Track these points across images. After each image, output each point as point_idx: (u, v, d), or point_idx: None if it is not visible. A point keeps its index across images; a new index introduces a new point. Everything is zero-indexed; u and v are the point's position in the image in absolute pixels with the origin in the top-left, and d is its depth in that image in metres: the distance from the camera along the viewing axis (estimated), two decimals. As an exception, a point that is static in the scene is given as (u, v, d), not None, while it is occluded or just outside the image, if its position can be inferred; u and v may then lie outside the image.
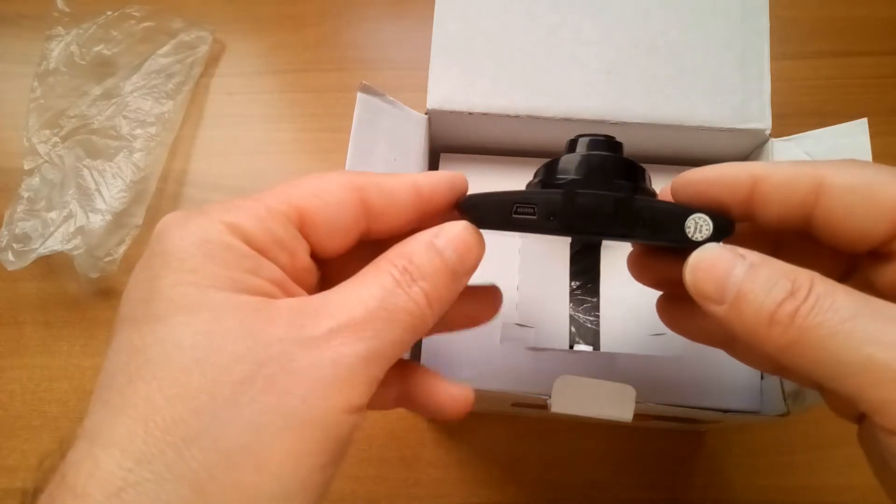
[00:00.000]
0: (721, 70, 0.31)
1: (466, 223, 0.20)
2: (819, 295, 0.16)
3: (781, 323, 0.16)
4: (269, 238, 0.18)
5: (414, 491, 0.38)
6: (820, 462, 0.38)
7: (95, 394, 0.16)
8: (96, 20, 0.48)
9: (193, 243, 0.17)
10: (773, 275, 0.17)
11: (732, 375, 0.30)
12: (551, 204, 0.19)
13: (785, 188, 0.19)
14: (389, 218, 0.20)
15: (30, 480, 0.39)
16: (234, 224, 0.17)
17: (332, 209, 0.19)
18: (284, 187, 0.19)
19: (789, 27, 0.48)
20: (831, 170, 0.18)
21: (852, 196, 0.18)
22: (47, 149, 0.45)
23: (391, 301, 0.18)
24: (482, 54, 0.31)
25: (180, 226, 0.17)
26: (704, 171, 0.20)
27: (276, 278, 0.18)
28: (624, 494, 0.38)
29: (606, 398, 0.25)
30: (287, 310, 0.17)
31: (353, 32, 0.51)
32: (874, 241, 0.18)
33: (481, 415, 0.39)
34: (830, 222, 0.18)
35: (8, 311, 0.43)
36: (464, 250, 0.19)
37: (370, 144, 0.29)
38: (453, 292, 0.19)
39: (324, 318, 0.17)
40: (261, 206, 0.18)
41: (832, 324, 0.15)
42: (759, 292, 0.17)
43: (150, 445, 0.15)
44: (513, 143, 0.34)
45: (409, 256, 0.18)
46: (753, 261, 0.17)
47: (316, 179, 0.19)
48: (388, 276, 0.18)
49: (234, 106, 0.49)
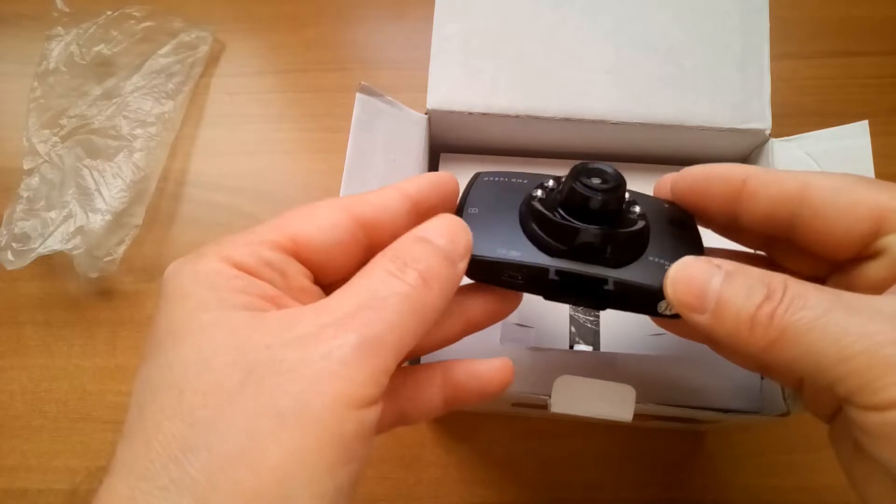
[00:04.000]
0: (721, 70, 0.31)
1: (447, 214, 0.20)
2: (793, 296, 0.17)
3: (761, 324, 0.17)
4: (258, 261, 0.18)
5: (414, 491, 0.38)
6: (820, 462, 0.38)
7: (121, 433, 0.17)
8: (96, 20, 0.48)
9: (187, 276, 0.18)
10: (748, 281, 0.18)
11: (732, 375, 0.30)
12: (535, 278, 0.21)
13: (773, 186, 0.20)
14: (386, 227, 0.20)
15: (29, 480, 0.39)
16: (224, 255, 0.18)
17: (325, 231, 0.19)
18: (275, 220, 0.20)
19: (789, 27, 0.48)
20: (817, 175, 0.20)
21: (834, 196, 0.19)
22: (47, 149, 0.45)
23: (383, 289, 0.18)
24: (482, 54, 0.31)
25: (179, 270, 0.18)
26: (702, 167, 0.22)
27: (267, 294, 0.18)
28: (624, 494, 0.38)
29: (606, 398, 0.25)
30: (276, 318, 0.17)
31: (353, 32, 0.51)
32: (853, 242, 0.19)
33: (481, 415, 0.39)
34: (812, 221, 0.20)
35: (8, 311, 0.43)
36: (450, 235, 0.19)
37: (370, 145, 0.29)
38: (452, 273, 0.19)
39: (314, 318, 0.17)
40: (251, 236, 0.19)
41: (807, 320, 0.16)
42: (737, 298, 0.18)
43: (153, 462, 0.15)
44: (513, 143, 0.34)
45: (396, 248, 0.19)
46: (729, 269, 0.18)
47: (305, 208, 0.20)
48: (380, 269, 0.18)
49: (234, 106, 0.49)
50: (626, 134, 0.32)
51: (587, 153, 0.34)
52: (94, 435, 0.40)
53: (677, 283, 0.19)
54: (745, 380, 0.30)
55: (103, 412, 0.41)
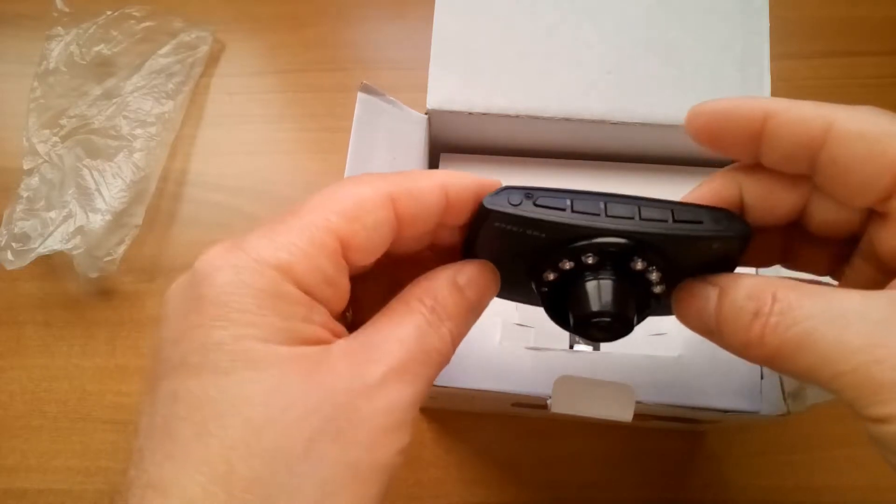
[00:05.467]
0: (721, 70, 0.31)
1: (485, 262, 0.20)
2: (781, 309, 0.17)
3: (754, 344, 0.17)
4: (319, 278, 0.17)
5: (414, 491, 0.38)
6: (820, 462, 0.38)
7: (149, 440, 0.16)
8: (96, 20, 0.48)
9: (247, 293, 0.16)
10: (737, 297, 0.18)
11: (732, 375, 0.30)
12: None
13: (795, 125, 0.18)
14: (417, 226, 0.19)
15: (29, 480, 0.39)
16: (285, 267, 0.17)
17: (372, 232, 0.18)
18: (321, 208, 0.18)
19: (789, 27, 0.48)
20: (845, 114, 0.18)
21: (859, 143, 0.17)
22: (47, 149, 0.45)
23: (426, 342, 0.18)
24: (482, 54, 0.31)
25: (226, 266, 0.17)
26: (719, 102, 0.20)
27: (325, 321, 0.18)
28: (624, 494, 0.38)
29: (606, 398, 0.25)
30: (342, 357, 0.17)
31: (353, 32, 0.51)
32: (874, 193, 0.18)
33: (481, 415, 0.39)
34: (834, 167, 0.18)
35: (8, 311, 0.43)
36: (483, 290, 0.20)
37: (370, 144, 0.29)
38: (469, 328, 0.20)
39: (374, 363, 0.17)
40: (306, 239, 0.17)
41: (796, 338, 0.16)
42: (730, 320, 0.18)
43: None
44: (513, 143, 0.34)
45: (435, 295, 0.19)
46: (723, 286, 0.18)
47: (352, 196, 0.18)
48: (420, 317, 0.18)
49: (234, 106, 0.49)
50: (626, 134, 0.31)
51: (587, 153, 0.34)
52: (94, 435, 0.40)
53: (680, 308, 0.20)
54: (745, 380, 0.30)
55: (103, 412, 0.41)
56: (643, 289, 0.20)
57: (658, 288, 0.20)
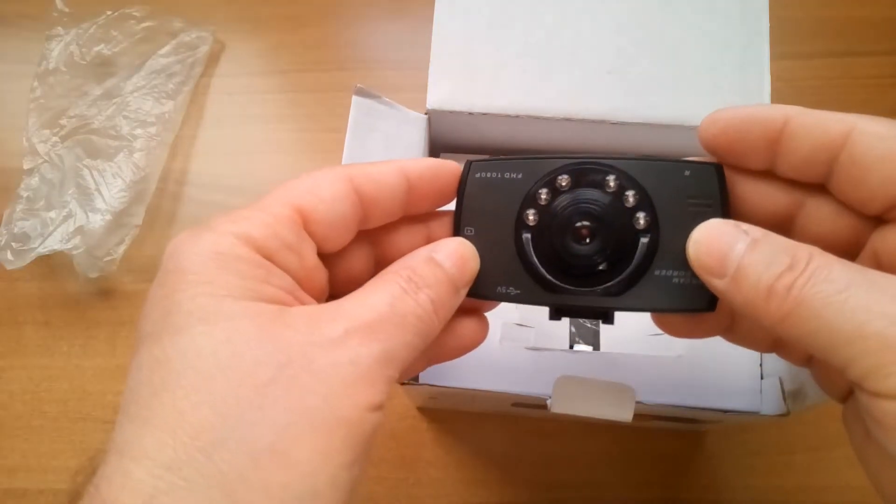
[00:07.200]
0: (721, 70, 0.31)
1: (462, 238, 0.21)
2: (816, 268, 0.16)
3: (778, 295, 0.17)
4: (278, 243, 0.18)
5: (414, 491, 0.38)
6: (820, 462, 0.38)
7: (121, 410, 0.17)
8: (96, 20, 0.48)
9: (207, 257, 0.17)
10: (772, 249, 0.17)
11: (732, 375, 0.30)
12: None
13: (816, 127, 0.19)
14: (382, 204, 0.20)
15: (29, 480, 0.39)
16: (243, 234, 0.18)
17: (330, 204, 0.19)
18: (281, 190, 0.19)
19: (789, 27, 0.48)
20: (864, 120, 0.18)
21: (880, 144, 0.18)
22: (47, 149, 0.45)
23: (400, 306, 0.18)
24: (482, 54, 0.31)
25: (192, 242, 0.18)
26: (738, 108, 0.20)
27: (287, 286, 0.18)
28: (624, 494, 0.38)
29: (606, 398, 0.25)
30: (303, 315, 0.17)
31: (353, 32, 0.51)
32: (891, 194, 0.18)
33: (481, 415, 0.39)
34: (853, 167, 0.18)
35: (8, 311, 0.43)
36: (461, 263, 0.20)
37: (366, 147, 0.29)
38: (455, 302, 0.20)
39: (339, 321, 0.17)
40: (266, 213, 0.18)
41: (826, 294, 0.16)
42: (758, 266, 0.17)
43: (179, 452, 0.15)
44: (513, 143, 0.34)
45: (412, 267, 0.19)
46: (755, 236, 0.18)
47: (310, 178, 0.20)
48: (395, 285, 0.19)
49: (234, 106, 0.49)
50: (626, 134, 0.32)
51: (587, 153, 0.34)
52: (94, 435, 0.40)
53: (700, 245, 0.19)
54: (745, 380, 0.30)
55: (103, 412, 0.41)
56: (626, 220, 0.20)
57: (643, 222, 0.20)
